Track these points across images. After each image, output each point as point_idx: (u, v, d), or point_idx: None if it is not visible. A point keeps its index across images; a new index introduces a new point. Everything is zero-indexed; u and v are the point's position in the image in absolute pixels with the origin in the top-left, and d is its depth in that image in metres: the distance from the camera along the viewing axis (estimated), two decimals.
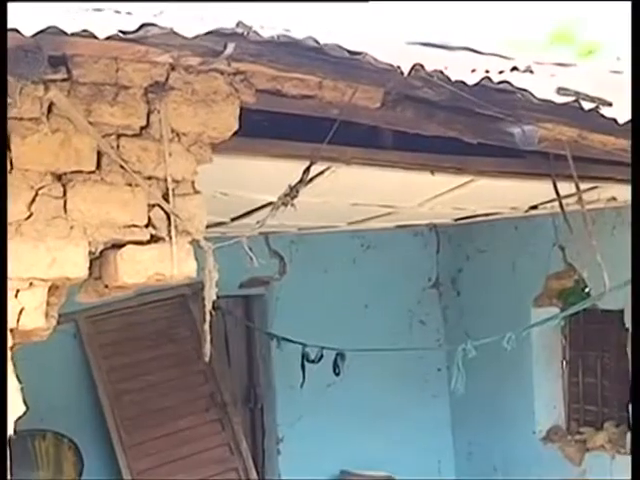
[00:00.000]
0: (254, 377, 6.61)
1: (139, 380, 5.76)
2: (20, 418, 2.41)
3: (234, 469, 5.99)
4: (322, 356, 5.52)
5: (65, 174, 2.44)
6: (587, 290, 5.86)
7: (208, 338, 3.03)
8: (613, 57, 6.76)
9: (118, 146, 2.50)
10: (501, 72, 4.21)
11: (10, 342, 2.39)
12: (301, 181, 2.86)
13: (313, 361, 5.52)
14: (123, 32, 1.95)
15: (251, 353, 6.62)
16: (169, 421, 5.73)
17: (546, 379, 6.49)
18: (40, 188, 2.41)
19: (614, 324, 5.95)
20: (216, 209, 3.61)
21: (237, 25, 2.11)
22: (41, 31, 1.86)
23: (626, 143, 3.40)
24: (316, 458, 6.38)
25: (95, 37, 1.95)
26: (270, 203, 3.77)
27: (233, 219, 4.24)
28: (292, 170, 3.06)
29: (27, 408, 2.42)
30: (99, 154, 2.49)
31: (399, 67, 2.38)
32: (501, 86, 2.63)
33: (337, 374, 5.55)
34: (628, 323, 5.76)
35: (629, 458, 5.69)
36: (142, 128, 2.52)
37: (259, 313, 6.49)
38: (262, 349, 6.52)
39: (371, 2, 4.90)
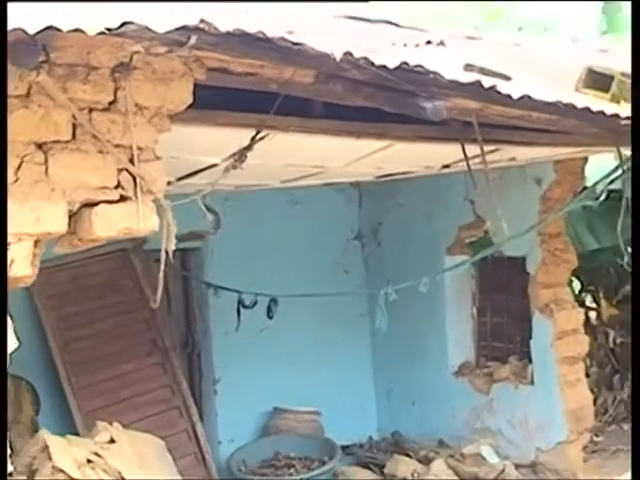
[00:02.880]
0: (192, 324, 6.84)
1: (86, 328, 5.96)
2: (14, 352, 2.81)
3: (176, 407, 6.27)
4: (256, 302, 5.81)
5: (45, 144, 2.74)
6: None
7: (161, 286, 3.43)
8: (515, 27, 7.30)
9: (90, 119, 2.81)
10: (417, 45, 4.63)
11: None
12: (249, 147, 3.29)
13: (248, 306, 5.80)
14: (109, 29, 2.35)
15: (189, 302, 6.84)
16: (115, 365, 5.97)
17: (458, 320, 6.85)
18: (24, 156, 2.70)
19: (518, 269, 6.36)
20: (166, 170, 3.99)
21: (200, 22, 2.53)
22: (42, 30, 2.25)
23: (523, 112, 3.92)
24: (250, 396, 6.67)
25: (85, 33, 2.34)
26: (213, 165, 4.19)
27: (179, 179, 4.61)
28: (234, 137, 3.45)
29: (20, 343, 2.83)
30: (74, 126, 2.79)
31: (332, 54, 2.81)
32: (416, 69, 3.08)
33: (270, 318, 5.83)
34: (529, 268, 6.27)
35: (530, 387, 6.40)
36: (110, 103, 2.83)
37: (196, 265, 6.70)
38: (199, 298, 6.75)
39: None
